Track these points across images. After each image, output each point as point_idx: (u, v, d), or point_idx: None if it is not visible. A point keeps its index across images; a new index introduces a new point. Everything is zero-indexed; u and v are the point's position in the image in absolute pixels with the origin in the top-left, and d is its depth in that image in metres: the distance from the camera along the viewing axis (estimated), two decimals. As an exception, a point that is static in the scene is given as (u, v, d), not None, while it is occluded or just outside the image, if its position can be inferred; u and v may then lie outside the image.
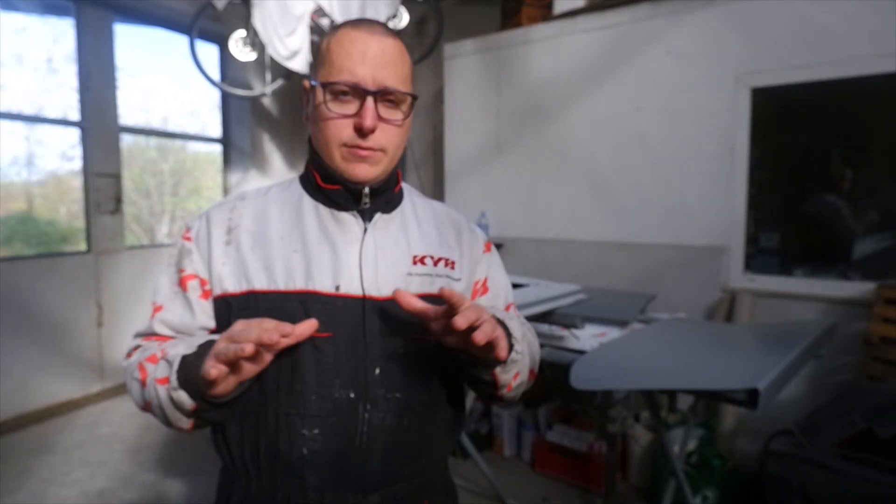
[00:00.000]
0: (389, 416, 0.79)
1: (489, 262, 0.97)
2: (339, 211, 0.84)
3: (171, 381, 0.72)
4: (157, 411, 0.78)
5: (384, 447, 0.79)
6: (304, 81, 0.85)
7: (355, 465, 0.78)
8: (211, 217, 0.85)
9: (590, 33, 3.20)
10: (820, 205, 2.73)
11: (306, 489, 0.79)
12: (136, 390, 0.80)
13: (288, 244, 0.81)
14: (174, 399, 0.73)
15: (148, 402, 0.78)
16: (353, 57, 0.77)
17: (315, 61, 0.83)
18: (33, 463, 2.93)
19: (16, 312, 3.39)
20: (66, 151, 3.90)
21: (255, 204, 0.86)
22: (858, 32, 2.43)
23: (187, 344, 0.76)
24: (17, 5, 3.65)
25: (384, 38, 0.79)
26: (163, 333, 0.85)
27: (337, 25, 0.83)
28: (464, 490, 2.63)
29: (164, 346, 0.79)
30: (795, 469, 1.98)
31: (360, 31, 0.79)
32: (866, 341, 2.35)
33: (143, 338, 0.87)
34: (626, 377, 1.57)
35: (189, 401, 0.73)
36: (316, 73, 0.82)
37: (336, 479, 0.79)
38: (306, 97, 0.85)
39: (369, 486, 0.79)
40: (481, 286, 0.95)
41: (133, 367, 0.82)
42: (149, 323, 0.86)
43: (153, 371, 0.77)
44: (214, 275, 0.82)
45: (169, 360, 0.74)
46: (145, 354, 0.81)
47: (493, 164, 3.65)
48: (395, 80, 0.79)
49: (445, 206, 1.00)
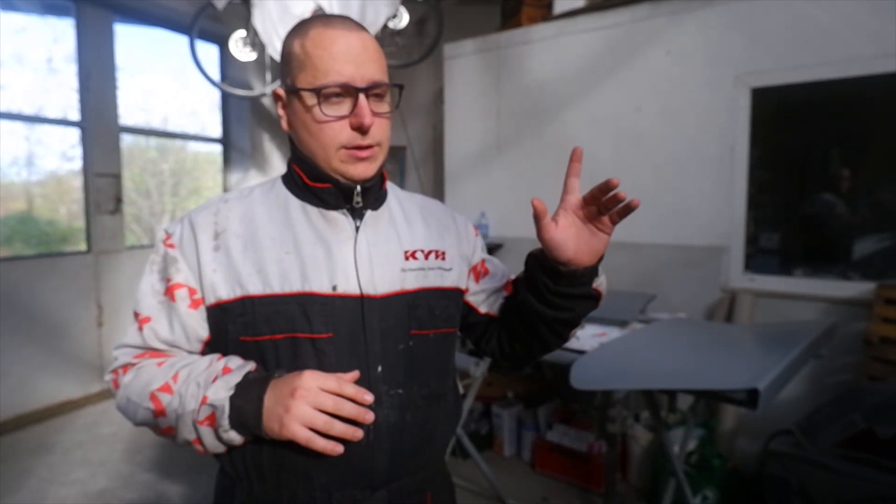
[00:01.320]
0: (393, 412, 0.80)
1: (481, 245, 0.99)
2: (329, 210, 0.82)
3: (223, 424, 0.72)
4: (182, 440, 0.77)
5: (390, 443, 0.79)
6: (276, 90, 0.82)
7: (362, 463, 0.78)
8: (195, 221, 0.81)
9: (590, 33, 3.20)
10: (820, 205, 2.73)
11: (313, 489, 0.79)
12: (145, 417, 0.78)
13: (280, 246, 0.79)
14: (223, 438, 0.74)
15: (165, 428, 0.77)
16: (338, 57, 0.76)
17: (288, 65, 0.80)
18: (33, 463, 2.94)
19: (16, 312, 3.39)
20: (67, 151, 3.91)
21: (241, 206, 0.83)
22: (858, 33, 2.43)
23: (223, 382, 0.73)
24: (18, 5, 3.65)
25: (360, 32, 0.79)
26: (155, 347, 0.81)
27: (303, 25, 0.80)
28: (464, 490, 2.63)
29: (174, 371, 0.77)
30: (795, 469, 1.98)
31: (335, 29, 0.77)
32: (866, 341, 2.35)
33: (135, 354, 0.83)
34: (626, 377, 1.57)
35: (239, 438, 0.74)
36: (294, 78, 0.78)
37: (343, 478, 0.79)
38: (282, 103, 0.82)
39: (376, 482, 0.80)
40: (482, 268, 0.96)
41: (137, 393, 0.78)
42: (137, 335, 0.82)
43: (179, 407, 0.74)
44: (206, 283, 0.78)
45: (214, 406, 0.72)
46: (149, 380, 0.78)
47: (493, 164, 3.65)
48: (380, 73, 0.78)
49: (428, 198, 0.99)
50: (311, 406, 0.70)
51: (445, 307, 0.88)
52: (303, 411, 0.69)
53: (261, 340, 0.78)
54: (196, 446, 0.77)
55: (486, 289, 0.95)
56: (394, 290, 0.82)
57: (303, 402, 0.70)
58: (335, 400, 0.71)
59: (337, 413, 0.71)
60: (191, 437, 0.75)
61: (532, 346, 0.93)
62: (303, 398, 0.70)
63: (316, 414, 0.70)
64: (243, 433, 0.74)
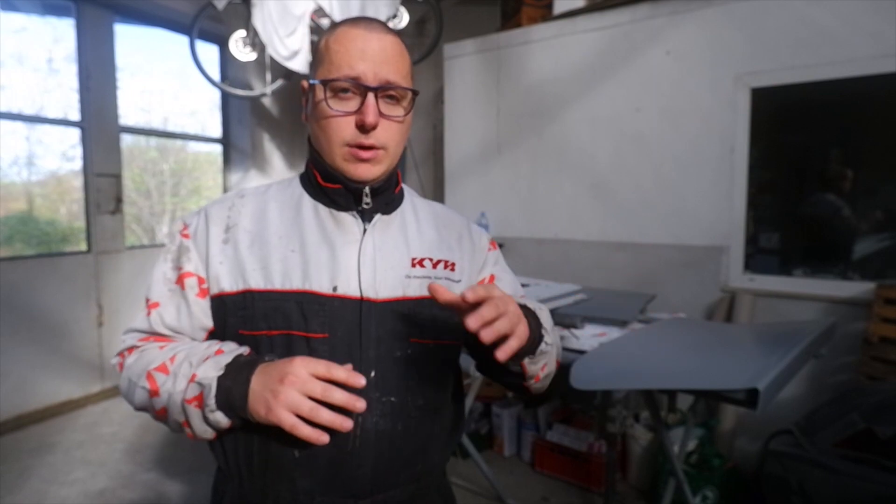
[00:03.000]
0: (383, 420, 0.78)
1: (496, 260, 0.97)
2: (339, 211, 0.83)
3: (209, 404, 0.72)
4: (174, 422, 0.77)
5: (376, 452, 0.78)
6: (302, 81, 0.84)
7: (347, 469, 0.77)
8: (209, 214, 0.84)
9: (590, 33, 3.20)
10: (819, 205, 2.74)
11: (297, 492, 0.78)
12: (142, 397, 0.78)
13: (286, 244, 0.80)
14: (209, 419, 0.74)
15: (159, 409, 0.77)
16: (353, 54, 0.77)
17: (314, 60, 0.83)
18: (34, 463, 2.94)
19: (16, 312, 3.39)
20: (67, 151, 3.91)
21: (255, 202, 0.85)
22: (858, 33, 2.43)
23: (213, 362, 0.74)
24: (18, 5, 3.65)
25: (383, 34, 0.79)
26: (160, 332, 0.83)
27: (335, 24, 0.82)
28: (464, 490, 2.63)
29: (172, 353, 0.78)
30: (795, 469, 1.98)
31: (359, 28, 0.78)
32: (866, 341, 2.35)
33: (140, 337, 0.85)
34: (626, 377, 1.57)
35: (226, 420, 0.74)
36: (315, 72, 0.81)
37: (327, 483, 0.78)
38: (305, 97, 0.85)
39: (361, 491, 0.78)
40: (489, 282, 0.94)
41: (135, 373, 0.80)
42: (145, 320, 0.84)
43: (171, 386, 0.75)
44: (212, 273, 0.80)
45: (202, 384, 0.73)
46: (149, 361, 0.79)
47: (493, 164, 3.66)
48: (396, 76, 0.78)
49: (446, 207, 0.99)
50: (300, 392, 0.68)
51: (449, 318, 0.85)
52: (291, 397, 0.68)
53: (258, 335, 0.78)
54: (186, 429, 0.77)
55: None
56: (395, 296, 0.81)
57: (291, 388, 0.68)
58: (324, 386, 0.69)
59: (326, 400, 0.69)
60: (180, 418, 0.75)
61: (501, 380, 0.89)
62: (292, 384, 0.68)
63: (303, 400, 0.68)
64: (230, 415, 0.73)
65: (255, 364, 0.74)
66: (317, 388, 0.68)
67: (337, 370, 0.70)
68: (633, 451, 2.69)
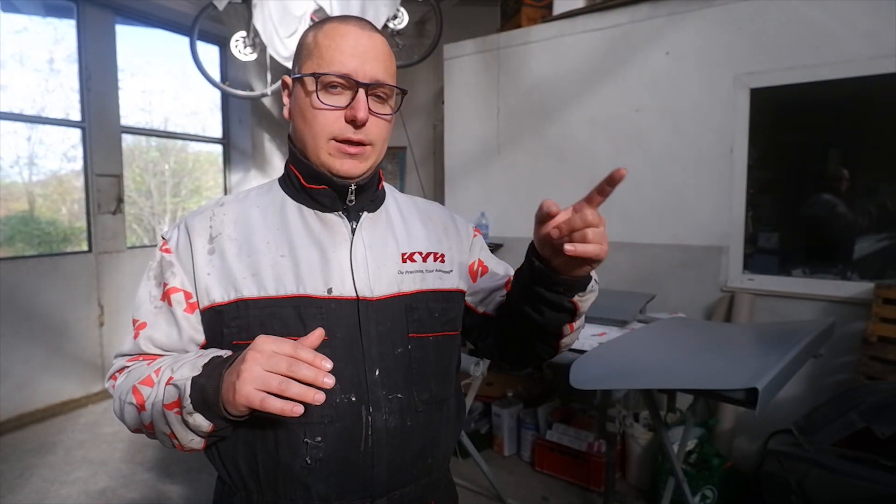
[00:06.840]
0: (392, 417, 0.78)
1: (481, 245, 0.98)
2: (325, 212, 0.82)
3: (186, 405, 0.69)
4: (161, 435, 0.74)
5: (390, 450, 0.78)
6: (284, 77, 0.84)
7: (362, 470, 0.77)
8: (190, 226, 0.81)
9: (589, 34, 3.21)
10: (818, 205, 2.74)
11: (311, 499, 0.77)
12: (132, 414, 0.76)
13: (274, 249, 0.79)
14: (189, 423, 0.70)
15: (148, 424, 0.75)
16: (345, 50, 0.77)
17: (299, 55, 0.82)
18: (35, 462, 2.95)
19: (17, 312, 3.40)
20: (68, 152, 3.92)
21: (236, 209, 0.83)
22: (856, 33, 2.44)
23: (190, 364, 0.72)
24: (19, 6, 3.66)
25: (373, 33, 0.80)
26: (150, 352, 0.81)
27: (321, 21, 0.82)
28: (464, 490, 2.63)
29: (157, 366, 0.76)
30: (794, 468, 1.99)
31: (349, 25, 0.79)
32: (865, 341, 2.36)
33: (129, 358, 0.82)
34: (626, 377, 1.58)
35: (206, 422, 0.70)
36: (300, 67, 0.80)
37: (342, 487, 0.77)
38: (287, 91, 0.84)
39: (377, 491, 0.78)
40: (479, 266, 0.95)
41: (124, 391, 0.77)
42: (133, 342, 0.81)
43: (153, 395, 0.73)
44: (200, 286, 0.78)
45: (177, 385, 0.70)
46: (136, 377, 0.77)
47: (492, 164, 3.66)
48: (384, 74, 0.79)
49: (427, 200, 1.00)
50: (264, 368, 0.64)
51: (445, 310, 0.86)
52: (256, 373, 0.64)
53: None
54: (173, 441, 0.74)
55: (484, 288, 0.94)
56: (391, 293, 0.81)
57: (255, 364, 0.64)
58: (289, 362, 0.64)
59: (291, 376, 0.64)
60: (165, 429, 0.72)
61: (522, 350, 0.90)
62: (255, 360, 0.65)
63: (270, 375, 0.64)
64: (208, 416, 0.69)
65: (228, 359, 0.71)
66: (282, 363, 0.64)
67: (303, 352, 0.65)
68: (633, 450, 2.69)
